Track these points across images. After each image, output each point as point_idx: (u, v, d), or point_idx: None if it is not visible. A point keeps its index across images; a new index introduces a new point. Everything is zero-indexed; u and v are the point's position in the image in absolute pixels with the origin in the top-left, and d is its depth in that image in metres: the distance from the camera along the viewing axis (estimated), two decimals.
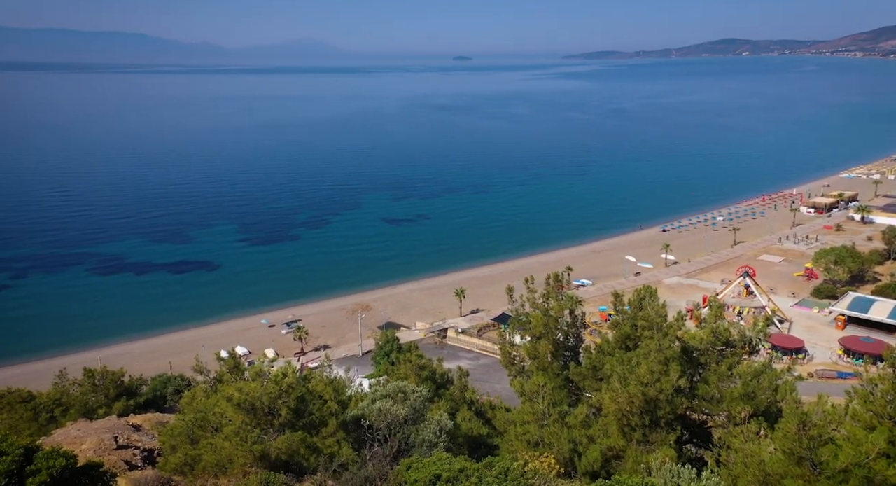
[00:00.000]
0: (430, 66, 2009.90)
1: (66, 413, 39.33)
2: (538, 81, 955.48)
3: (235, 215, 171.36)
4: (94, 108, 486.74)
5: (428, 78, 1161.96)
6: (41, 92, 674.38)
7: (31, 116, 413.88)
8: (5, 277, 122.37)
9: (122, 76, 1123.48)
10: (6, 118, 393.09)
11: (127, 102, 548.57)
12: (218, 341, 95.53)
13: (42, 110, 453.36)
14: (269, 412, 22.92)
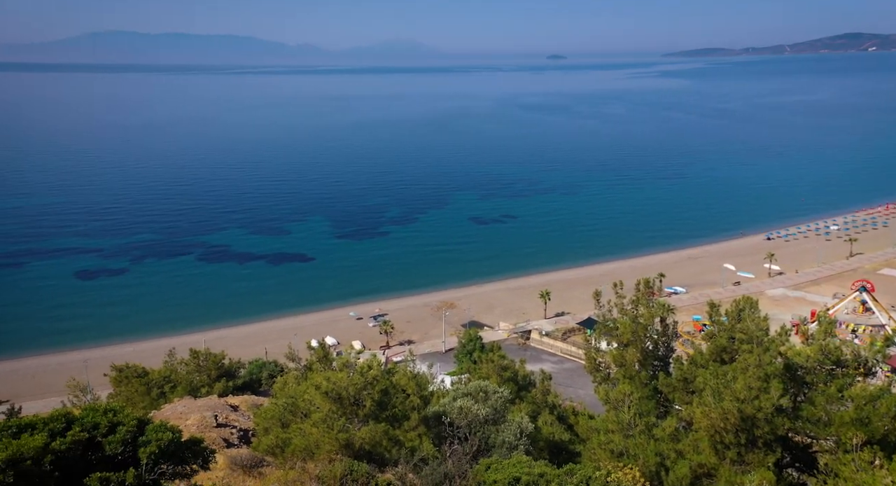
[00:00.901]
0: (523, 65, 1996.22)
1: (174, 390, 42.50)
2: (636, 80, 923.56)
3: (329, 211, 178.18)
4: (206, 107, 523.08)
5: (520, 77, 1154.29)
6: (160, 93, 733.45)
7: (154, 114, 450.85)
8: (125, 261, 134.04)
9: (232, 77, 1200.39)
10: (133, 117, 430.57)
11: (235, 102, 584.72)
12: (309, 331, 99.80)
13: (160, 109, 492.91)
14: (355, 403, 23.68)
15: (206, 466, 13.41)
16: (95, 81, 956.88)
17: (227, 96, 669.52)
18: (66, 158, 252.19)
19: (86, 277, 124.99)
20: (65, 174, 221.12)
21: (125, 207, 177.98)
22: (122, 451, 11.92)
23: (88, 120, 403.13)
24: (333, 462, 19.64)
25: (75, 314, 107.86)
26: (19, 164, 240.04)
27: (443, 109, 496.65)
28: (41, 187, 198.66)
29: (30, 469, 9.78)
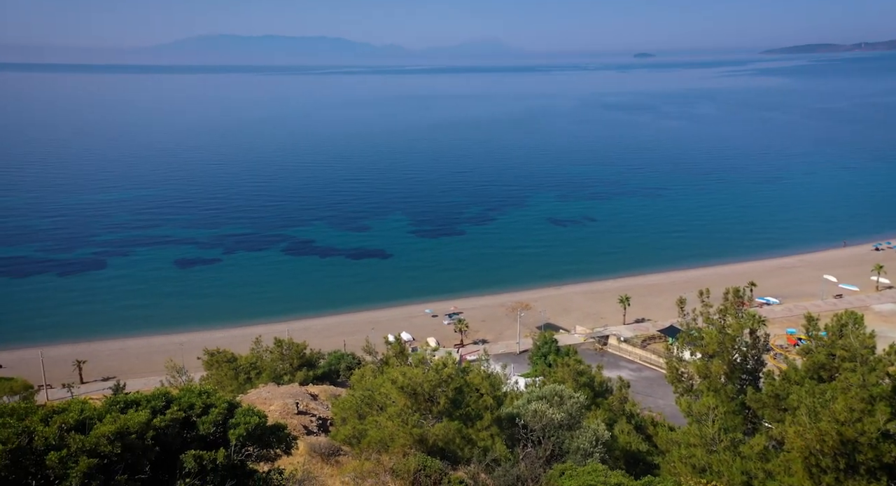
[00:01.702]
0: (608, 63, 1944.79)
1: (259, 376, 44.65)
2: (730, 79, 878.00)
3: (408, 208, 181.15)
4: (297, 106, 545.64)
5: (604, 76, 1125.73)
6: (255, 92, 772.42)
7: (250, 113, 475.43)
8: (218, 252, 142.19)
9: (321, 77, 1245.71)
10: (229, 116, 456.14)
11: (324, 101, 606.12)
12: (385, 326, 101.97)
13: (256, 108, 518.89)
14: (429, 399, 23.98)
15: (288, 451, 13.99)
16: (197, 82, 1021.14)
17: (316, 95, 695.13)
18: (168, 154, 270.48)
19: (184, 265, 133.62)
20: (166, 169, 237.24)
21: (220, 200, 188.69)
22: (213, 431, 12.65)
23: (190, 119, 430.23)
24: (407, 456, 19.96)
25: (174, 300, 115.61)
26: (129, 159, 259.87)
27: (524, 108, 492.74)
28: (147, 180, 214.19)
29: (134, 442, 10.56)
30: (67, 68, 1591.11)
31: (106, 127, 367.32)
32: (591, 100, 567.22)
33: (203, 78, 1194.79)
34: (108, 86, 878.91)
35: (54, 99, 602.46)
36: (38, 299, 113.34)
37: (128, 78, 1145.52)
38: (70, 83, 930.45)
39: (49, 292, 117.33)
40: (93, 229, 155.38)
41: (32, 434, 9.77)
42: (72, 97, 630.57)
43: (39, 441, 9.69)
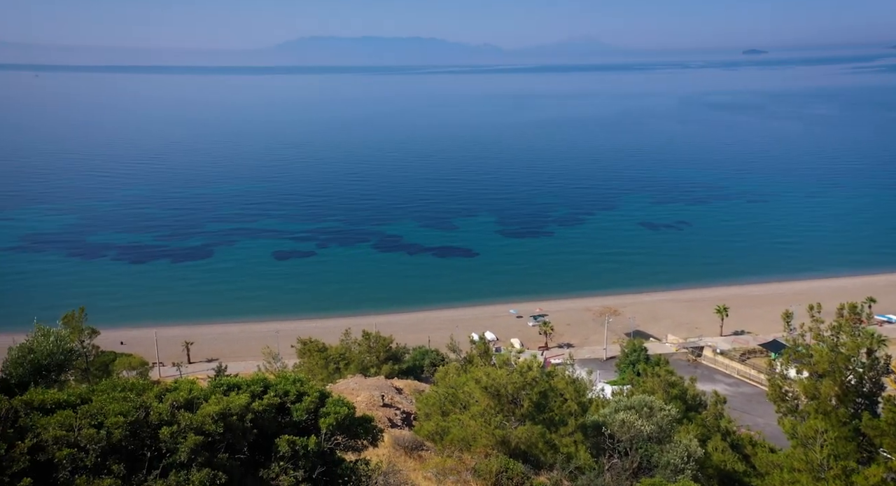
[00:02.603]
0: (713, 61, 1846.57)
1: (348, 367, 46.20)
2: (853, 76, 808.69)
3: (497, 208, 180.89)
4: (391, 105, 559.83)
5: (709, 74, 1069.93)
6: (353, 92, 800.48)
7: (345, 112, 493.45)
8: (313, 245, 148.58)
9: (416, 77, 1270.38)
10: (326, 115, 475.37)
11: (418, 100, 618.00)
12: (469, 324, 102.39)
13: (352, 108, 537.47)
14: (513, 401, 23.81)
15: (375, 443, 14.35)
16: (298, 83, 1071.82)
17: (411, 95, 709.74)
18: (270, 152, 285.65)
19: (281, 257, 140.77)
20: (269, 165, 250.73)
21: (316, 196, 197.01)
22: (305, 419, 13.19)
23: (292, 118, 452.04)
24: (489, 457, 19.93)
25: (271, 289, 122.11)
26: (235, 155, 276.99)
27: (621, 108, 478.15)
28: (251, 176, 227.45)
29: (235, 424, 11.22)
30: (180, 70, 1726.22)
31: (215, 126, 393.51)
32: (693, 99, 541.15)
33: (304, 78, 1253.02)
34: (219, 87, 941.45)
35: (169, 99, 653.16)
36: (153, 284, 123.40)
37: (235, 79, 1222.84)
38: (184, 84, 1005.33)
39: (163, 277, 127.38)
40: (203, 220, 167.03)
41: (149, 409, 10.62)
42: (186, 98, 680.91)
43: (154, 416, 10.51)
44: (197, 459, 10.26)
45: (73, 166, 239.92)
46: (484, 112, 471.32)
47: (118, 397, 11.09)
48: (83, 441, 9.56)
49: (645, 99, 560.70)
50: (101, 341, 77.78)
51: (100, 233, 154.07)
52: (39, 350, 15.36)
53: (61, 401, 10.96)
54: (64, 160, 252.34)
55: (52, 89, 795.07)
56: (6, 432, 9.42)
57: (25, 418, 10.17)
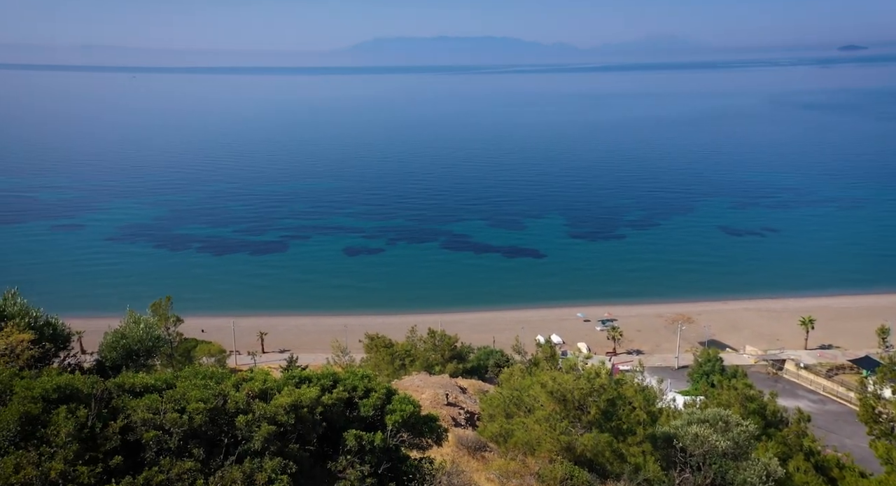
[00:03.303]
0: (806, 58, 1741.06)
1: (413, 364, 46.74)
2: None
3: (567, 209, 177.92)
4: (464, 104, 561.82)
5: (801, 72, 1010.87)
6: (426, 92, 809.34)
7: (419, 112, 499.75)
8: (382, 242, 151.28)
9: (489, 76, 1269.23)
10: (399, 115, 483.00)
11: (491, 100, 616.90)
12: (535, 326, 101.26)
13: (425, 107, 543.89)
14: (579, 407, 23.31)
15: (439, 442, 14.42)
16: (372, 83, 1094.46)
17: (483, 95, 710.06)
18: (343, 150, 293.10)
19: (351, 253, 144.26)
20: (342, 163, 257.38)
21: (387, 194, 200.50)
22: (372, 414, 13.43)
23: (365, 118, 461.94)
24: (554, 463, 19.61)
25: (341, 284, 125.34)
26: (309, 153, 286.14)
27: (703, 107, 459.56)
28: (326, 173, 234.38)
29: (305, 416, 11.57)
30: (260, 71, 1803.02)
31: (292, 126, 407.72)
32: (782, 99, 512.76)
33: (378, 79, 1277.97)
34: (297, 88, 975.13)
35: (250, 100, 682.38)
36: (232, 275, 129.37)
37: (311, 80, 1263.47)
38: (264, 86, 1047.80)
39: (241, 269, 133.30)
40: (279, 216, 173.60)
41: (227, 398, 11.12)
42: (266, 99, 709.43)
43: (231, 404, 11.00)
44: (270, 448, 10.64)
45: (165, 162, 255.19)
46: (557, 112, 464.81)
47: (199, 385, 11.68)
48: (168, 425, 10.12)
49: (729, 99, 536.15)
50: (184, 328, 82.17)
51: (186, 226, 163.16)
52: (131, 336, 16.43)
53: (149, 385, 11.66)
54: (156, 157, 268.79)
55: (147, 90, 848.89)
56: (101, 412, 10.12)
57: (117, 399, 10.89)
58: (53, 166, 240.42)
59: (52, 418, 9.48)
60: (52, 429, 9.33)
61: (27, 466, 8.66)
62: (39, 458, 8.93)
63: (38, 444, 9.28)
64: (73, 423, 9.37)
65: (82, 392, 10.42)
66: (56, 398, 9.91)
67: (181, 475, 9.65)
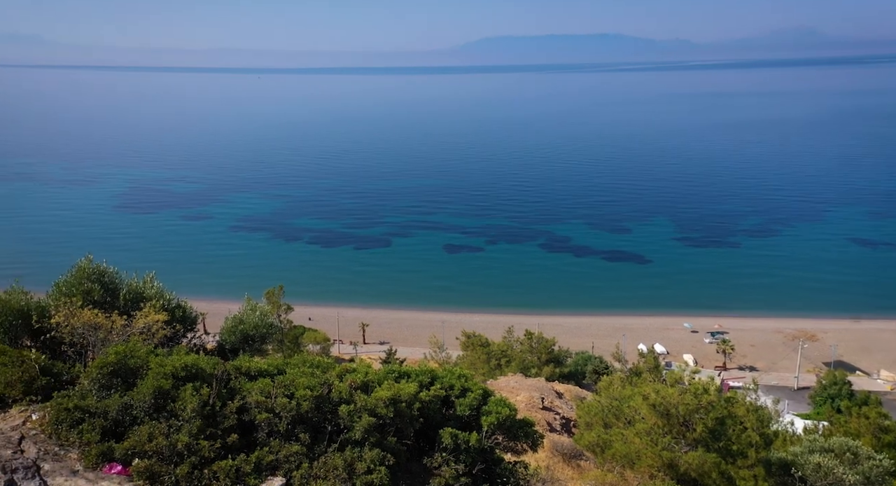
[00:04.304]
0: None
1: (508, 364, 46.55)
2: None
3: (675, 213, 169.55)
4: (569, 104, 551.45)
5: None
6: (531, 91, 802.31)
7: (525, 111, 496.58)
8: (482, 241, 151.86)
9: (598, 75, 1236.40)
10: (500, 113, 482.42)
11: (598, 100, 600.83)
12: (637, 334, 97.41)
13: (531, 106, 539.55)
14: (684, 423, 22.10)
15: (534, 448, 14.23)
16: (480, 82, 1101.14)
17: (593, 94, 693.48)
18: (448, 149, 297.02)
19: (451, 250, 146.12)
20: (447, 161, 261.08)
21: (489, 193, 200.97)
22: (468, 414, 13.48)
23: (471, 116, 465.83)
24: (654, 479, 18.74)
25: (440, 281, 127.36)
26: (416, 151, 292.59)
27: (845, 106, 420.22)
28: (430, 171, 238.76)
29: (404, 410, 11.83)
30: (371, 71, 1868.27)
31: (400, 124, 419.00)
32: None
33: (484, 78, 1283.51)
34: (405, 88, 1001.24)
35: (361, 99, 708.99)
36: (338, 267, 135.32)
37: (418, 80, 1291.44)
38: (375, 85, 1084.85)
39: (347, 261, 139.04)
40: (384, 212, 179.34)
41: (331, 387, 11.62)
42: (376, 99, 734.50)
43: (335, 394, 11.48)
44: (369, 439, 10.98)
45: (283, 158, 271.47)
46: (671, 112, 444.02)
47: (307, 373, 12.29)
48: (278, 408, 10.74)
49: (872, 97, 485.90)
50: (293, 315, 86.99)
51: (299, 218, 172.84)
52: (248, 322, 17.64)
53: (262, 370, 12.44)
54: (275, 153, 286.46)
55: (271, 90, 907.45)
56: (221, 391, 10.93)
57: (235, 380, 11.71)
58: (188, 161, 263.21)
59: (180, 394, 10.37)
60: (179, 404, 10.20)
61: (158, 436, 9.52)
62: (168, 429, 9.79)
63: (167, 417, 10.19)
64: (197, 400, 10.19)
65: (205, 372, 11.30)
66: (183, 376, 10.83)
67: (288, 457, 10.20)
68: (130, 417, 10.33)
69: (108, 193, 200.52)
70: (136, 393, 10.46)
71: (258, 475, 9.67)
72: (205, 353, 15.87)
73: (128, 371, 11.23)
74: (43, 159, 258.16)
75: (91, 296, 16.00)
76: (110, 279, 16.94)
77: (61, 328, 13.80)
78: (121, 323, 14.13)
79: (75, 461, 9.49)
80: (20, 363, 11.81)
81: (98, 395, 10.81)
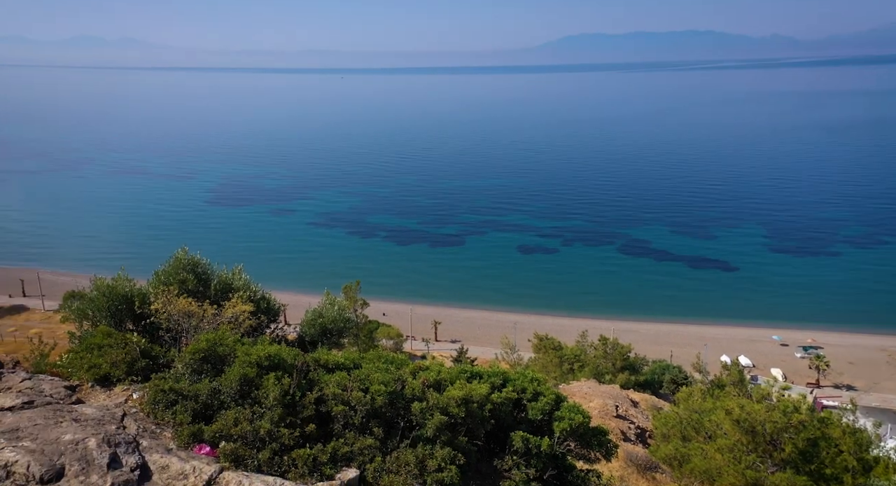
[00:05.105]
0: None
1: (581, 369, 45.61)
2: None
3: (767, 219, 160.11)
4: (657, 104, 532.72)
5: None
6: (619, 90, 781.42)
7: (608, 111, 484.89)
8: (557, 242, 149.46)
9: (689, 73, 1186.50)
10: (586, 113, 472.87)
11: (689, 99, 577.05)
12: (720, 345, 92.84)
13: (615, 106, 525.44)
14: (771, 442, 20.85)
15: (608, 458, 13.87)
16: (563, 81, 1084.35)
17: (682, 93, 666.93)
18: (526, 148, 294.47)
19: (526, 251, 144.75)
20: (524, 162, 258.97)
21: (565, 194, 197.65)
22: (540, 419, 13.32)
23: (548, 117, 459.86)
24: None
25: (513, 281, 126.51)
26: (493, 151, 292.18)
27: None
28: (506, 171, 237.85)
29: (475, 411, 11.86)
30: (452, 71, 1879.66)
31: (477, 123, 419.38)
32: None
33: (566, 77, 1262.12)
34: (485, 87, 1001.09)
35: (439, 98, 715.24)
36: (413, 264, 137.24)
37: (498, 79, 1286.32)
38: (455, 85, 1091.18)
39: (421, 259, 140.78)
40: (460, 211, 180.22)
41: (404, 384, 11.82)
42: (456, 98, 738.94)
43: (408, 390, 11.67)
44: (441, 437, 11.09)
45: (364, 156, 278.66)
46: (766, 112, 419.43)
47: (381, 368, 12.58)
48: (353, 402, 11.05)
49: None
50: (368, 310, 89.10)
51: (376, 215, 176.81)
52: (327, 316, 18.25)
53: (339, 363, 12.84)
54: (356, 150, 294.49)
55: (353, 90, 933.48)
56: (301, 382, 11.38)
57: (313, 372, 12.16)
58: (279, 158, 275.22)
59: (264, 382, 10.88)
60: (262, 392, 10.70)
61: (243, 421, 10.04)
62: (252, 415, 10.30)
63: (251, 403, 10.72)
64: (278, 389, 10.66)
65: (286, 362, 11.79)
66: (267, 366, 11.36)
67: (363, 449, 10.48)
68: (218, 401, 10.96)
69: (202, 187, 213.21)
70: (224, 379, 11.08)
71: (334, 465, 9.99)
72: (286, 344, 16.57)
73: (217, 358, 11.90)
74: (146, 155, 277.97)
75: (186, 285, 17.09)
76: (203, 270, 18.02)
77: (159, 315, 14.82)
78: (211, 312, 15.00)
79: (169, 439, 10.18)
80: (123, 345, 12.79)
81: (190, 379, 11.53)
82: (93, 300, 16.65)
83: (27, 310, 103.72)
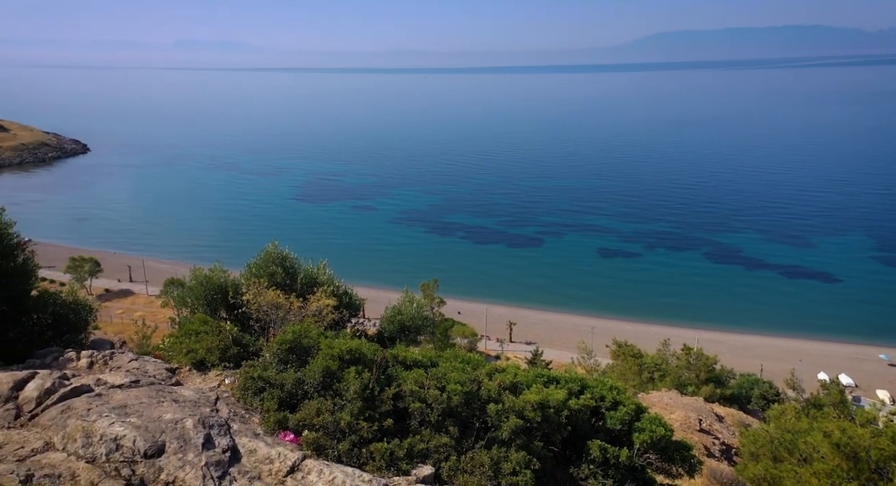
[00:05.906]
0: None
1: (662, 379, 43.96)
2: None
3: (875, 227, 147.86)
4: (746, 103, 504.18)
5: None
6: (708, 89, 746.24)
7: (691, 110, 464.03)
8: (640, 247, 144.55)
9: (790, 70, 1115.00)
10: (672, 113, 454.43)
11: (789, 99, 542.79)
12: (817, 361, 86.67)
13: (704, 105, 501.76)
14: (876, 470, 19.19)
15: (691, 474, 13.29)
16: (653, 80, 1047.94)
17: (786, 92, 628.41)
18: (610, 149, 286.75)
19: (606, 254, 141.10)
20: (607, 163, 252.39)
21: (649, 196, 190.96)
22: (618, 429, 12.94)
23: (636, 116, 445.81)
24: None
25: (592, 285, 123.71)
26: (578, 153, 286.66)
27: None
28: (590, 172, 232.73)
29: (551, 416, 11.69)
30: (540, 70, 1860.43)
31: (562, 122, 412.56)
32: None
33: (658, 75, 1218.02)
34: (573, 85, 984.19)
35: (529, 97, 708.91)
36: (490, 264, 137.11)
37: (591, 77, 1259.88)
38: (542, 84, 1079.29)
39: (498, 259, 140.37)
40: (538, 212, 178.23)
41: (480, 384, 11.83)
42: (544, 96, 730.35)
43: (484, 392, 11.67)
44: (516, 440, 11.01)
45: (442, 155, 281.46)
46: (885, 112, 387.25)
47: (458, 368, 12.64)
48: (430, 399, 11.18)
49: None
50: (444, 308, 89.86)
51: (455, 214, 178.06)
52: (405, 313, 18.60)
53: (417, 360, 13.03)
54: (436, 148, 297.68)
55: (437, 90, 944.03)
56: (380, 377, 11.66)
57: (392, 368, 12.41)
58: (363, 156, 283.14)
59: (345, 375, 11.22)
60: (343, 385, 11.04)
61: (325, 412, 10.40)
62: (333, 407, 10.65)
63: (332, 395, 11.09)
64: (358, 382, 10.96)
65: (366, 357, 12.10)
66: (348, 359, 11.71)
67: (438, 447, 10.59)
68: (302, 391, 11.42)
69: (289, 183, 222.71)
70: (308, 370, 11.53)
71: (409, 460, 10.15)
72: (366, 338, 17.03)
73: (302, 350, 12.40)
74: (236, 152, 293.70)
75: (275, 278, 17.94)
76: (290, 264, 18.85)
77: (250, 305, 15.64)
78: (297, 305, 15.66)
79: (257, 425, 10.72)
80: (218, 333, 13.59)
81: (277, 368, 12.09)
82: (191, 289, 17.92)
83: (133, 294, 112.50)
